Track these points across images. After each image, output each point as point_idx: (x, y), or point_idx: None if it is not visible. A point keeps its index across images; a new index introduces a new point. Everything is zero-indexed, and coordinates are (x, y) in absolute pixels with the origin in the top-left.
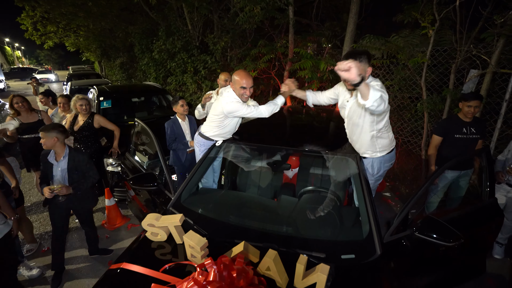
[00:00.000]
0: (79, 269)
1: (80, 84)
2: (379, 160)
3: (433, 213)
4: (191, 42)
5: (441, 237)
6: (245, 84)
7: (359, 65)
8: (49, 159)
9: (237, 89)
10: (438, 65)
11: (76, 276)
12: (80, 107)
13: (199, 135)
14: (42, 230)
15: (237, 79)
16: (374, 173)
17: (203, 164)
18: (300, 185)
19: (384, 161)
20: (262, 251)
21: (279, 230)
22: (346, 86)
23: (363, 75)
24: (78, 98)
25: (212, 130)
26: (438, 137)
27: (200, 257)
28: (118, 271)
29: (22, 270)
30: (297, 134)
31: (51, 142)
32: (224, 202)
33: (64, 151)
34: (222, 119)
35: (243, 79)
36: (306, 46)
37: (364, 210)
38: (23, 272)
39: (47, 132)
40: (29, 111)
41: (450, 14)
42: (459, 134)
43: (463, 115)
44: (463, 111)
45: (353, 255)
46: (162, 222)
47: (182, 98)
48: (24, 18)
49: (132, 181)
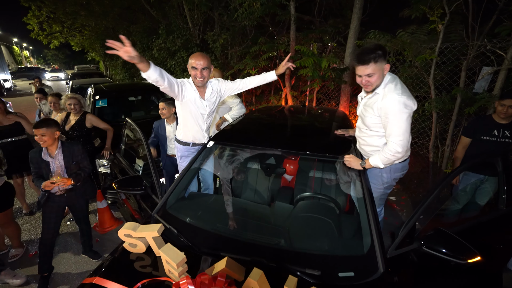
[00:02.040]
0: (65, 274)
1: (81, 83)
2: (389, 169)
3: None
4: (191, 40)
5: (453, 253)
6: (195, 64)
7: (352, 158)
8: (43, 157)
9: (190, 71)
10: (447, 62)
11: (62, 282)
12: (69, 106)
13: (175, 141)
14: (33, 232)
15: (189, 61)
16: (384, 182)
17: (193, 167)
18: (299, 189)
19: (395, 170)
20: (249, 267)
21: (270, 242)
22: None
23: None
24: (67, 97)
25: (179, 132)
26: (466, 138)
27: (178, 274)
28: (89, 286)
29: (5, 277)
30: (296, 135)
31: (53, 138)
32: (213, 209)
33: (58, 145)
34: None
35: (192, 58)
36: (308, 44)
37: (366, 220)
38: (7, 280)
39: (49, 127)
40: (5, 114)
41: (460, 8)
42: (487, 136)
43: (497, 115)
44: (497, 111)
45: (352, 273)
46: (140, 233)
47: (164, 101)
48: (30, 18)
49: (118, 184)
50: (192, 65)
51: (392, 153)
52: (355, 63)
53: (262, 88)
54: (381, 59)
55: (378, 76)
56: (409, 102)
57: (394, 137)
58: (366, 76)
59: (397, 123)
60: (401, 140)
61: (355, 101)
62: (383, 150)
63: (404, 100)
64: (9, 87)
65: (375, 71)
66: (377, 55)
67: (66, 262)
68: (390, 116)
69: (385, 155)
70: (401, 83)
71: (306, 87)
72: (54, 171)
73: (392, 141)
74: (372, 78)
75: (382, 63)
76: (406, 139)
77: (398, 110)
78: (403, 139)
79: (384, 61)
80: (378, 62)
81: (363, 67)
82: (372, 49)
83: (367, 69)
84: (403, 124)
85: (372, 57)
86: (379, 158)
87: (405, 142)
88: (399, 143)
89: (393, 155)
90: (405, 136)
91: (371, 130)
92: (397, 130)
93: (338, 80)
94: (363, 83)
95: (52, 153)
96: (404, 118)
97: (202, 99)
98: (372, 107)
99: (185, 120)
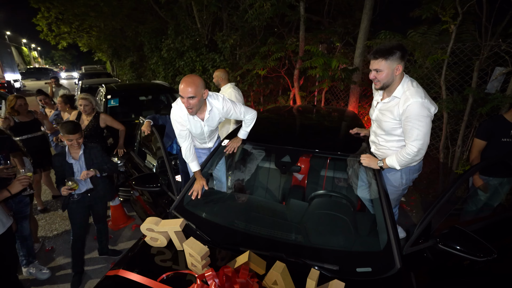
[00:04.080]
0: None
1: (91, 83)
2: (408, 170)
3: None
4: (200, 40)
5: (469, 250)
6: (181, 93)
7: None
8: (67, 160)
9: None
10: (459, 62)
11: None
12: (80, 106)
13: None
14: (48, 228)
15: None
16: (403, 184)
17: (208, 165)
18: (310, 188)
19: (413, 171)
20: (269, 261)
21: (288, 237)
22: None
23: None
24: (79, 97)
25: None
26: (481, 142)
27: (201, 267)
28: (114, 278)
29: (33, 270)
30: (308, 134)
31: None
32: (229, 205)
33: (81, 148)
34: None
35: (181, 84)
36: (317, 44)
37: (382, 217)
38: (35, 273)
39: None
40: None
41: (473, 8)
42: (507, 138)
43: (510, 116)
44: (510, 111)
45: (370, 268)
46: (162, 227)
47: None
48: (39, 19)
49: (134, 181)
50: (180, 92)
51: (411, 157)
52: (369, 56)
53: (271, 88)
54: (394, 58)
55: (387, 74)
56: (431, 106)
57: (414, 141)
58: (375, 71)
59: (418, 127)
60: (421, 144)
61: (363, 102)
62: (400, 152)
63: (427, 104)
64: (19, 87)
65: (384, 68)
66: (391, 53)
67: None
68: (412, 119)
69: (403, 158)
70: (421, 87)
71: (314, 87)
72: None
73: (412, 144)
74: (380, 75)
75: (394, 62)
76: (426, 143)
77: (421, 114)
78: (423, 142)
79: (397, 61)
80: (389, 60)
81: (373, 61)
82: (389, 47)
83: (375, 64)
84: (424, 128)
85: (384, 53)
86: (396, 160)
87: (424, 146)
88: (419, 147)
89: (411, 158)
90: (425, 140)
91: (390, 135)
92: (418, 134)
93: (348, 80)
94: (372, 78)
95: (75, 156)
96: (427, 122)
97: (201, 121)
98: (391, 111)
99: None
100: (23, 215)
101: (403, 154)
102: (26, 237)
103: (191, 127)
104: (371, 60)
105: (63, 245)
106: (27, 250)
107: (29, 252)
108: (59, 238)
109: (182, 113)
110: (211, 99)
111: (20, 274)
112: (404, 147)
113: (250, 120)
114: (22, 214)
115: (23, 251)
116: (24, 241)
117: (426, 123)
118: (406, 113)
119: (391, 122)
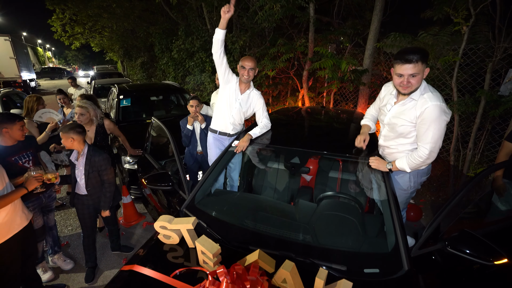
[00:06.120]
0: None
1: (103, 83)
2: (417, 173)
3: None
4: (210, 41)
5: (479, 254)
6: (244, 65)
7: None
8: (71, 159)
9: (239, 70)
10: (471, 64)
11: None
12: (75, 115)
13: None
14: (63, 224)
15: (239, 62)
16: (411, 186)
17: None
18: (319, 189)
19: (421, 174)
20: (278, 260)
21: (296, 237)
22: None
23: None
24: (76, 104)
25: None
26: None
27: (212, 264)
28: (129, 273)
29: (58, 261)
30: (317, 135)
31: (68, 143)
32: (239, 205)
33: (82, 150)
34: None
35: (243, 60)
36: (326, 45)
37: (390, 219)
38: (59, 264)
39: (65, 133)
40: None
41: (487, 9)
42: None
43: None
44: None
45: (377, 270)
46: (175, 225)
47: (197, 99)
48: (54, 20)
49: (147, 180)
50: (242, 65)
51: (422, 159)
52: (398, 61)
53: (279, 89)
54: (425, 61)
55: (421, 78)
56: (448, 110)
57: (427, 144)
58: (410, 76)
59: (433, 130)
60: (434, 147)
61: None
62: (412, 155)
63: (444, 107)
64: (34, 86)
65: (420, 72)
66: (423, 56)
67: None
68: (429, 122)
69: (414, 160)
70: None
71: (323, 88)
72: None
73: (425, 147)
74: (414, 79)
75: (425, 65)
76: (438, 146)
77: (439, 117)
78: (435, 146)
79: (426, 64)
80: (425, 63)
81: (409, 66)
82: (417, 49)
83: (412, 69)
84: (439, 131)
85: (419, 57)
86: (406, 162)
87: (436, 149)
88: (431, 149)
89: (423, 161)
90: (438, 144)
91: (404, 138)
92: (433, 137)
93: (357, 81)
94: (404, 84)
95: (78, 157)
96: (443, 125)
97: (239, 93)
98: (407, 114)
99: (218, 106)
100: (50, 208)
101: (414, 157)
102: (51, 227)
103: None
104: (405, 65)
105: (78, 240)
106: (53, 240)
107: (54, 241)
108: (73, 233)
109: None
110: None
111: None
112: (416, 150)
113: (265, 125)
114: (49, 208)
115: (49, 240)
116: (49, 230)
117: (442, 127)
118: (423, 115)
119: (406, 125)
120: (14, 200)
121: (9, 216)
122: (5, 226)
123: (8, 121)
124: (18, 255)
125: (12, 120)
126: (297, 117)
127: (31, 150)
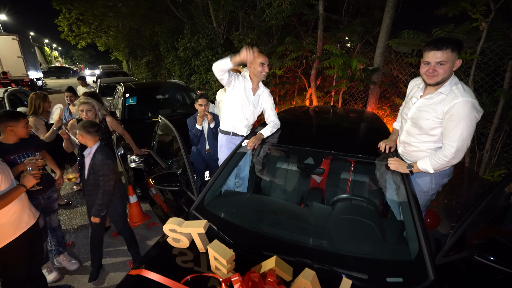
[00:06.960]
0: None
1: (108, 81)
2: (439, 175)
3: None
4: (215, 40)
5: (509, 263)
6: (265, 61)
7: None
8: (84, 153)
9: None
10: (489, 62)
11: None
12: (81, 113)
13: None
14: (68, 223)
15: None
16: (432, 188)
17: (228, 166)
18: (330, 191)
19: (443, 175)
20: (294, 267)
21: (313, 243)
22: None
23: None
24: (79, 102)
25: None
26: None
27: (226, 270)
28: (137, 278)
29: (63, 261)
30: (332, 135)
31: (80, 138)
32: (250, 207)
33: (91, 148)
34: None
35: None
36: (335, 43)
37: (412, 224)
38: (64, 264)
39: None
40: None
41: (506, 4)
42: None
43: None
44: None
45: (401, 279)
46: (185, 228)
47: (205, 97)
48: (61, 20)
49: (154, 180)
50: (262, 61)
51: (448, 159)
52: (427, 48)
53: (286, 88)
54: (457, 51)
55: (449, 68)
56: (480, 107)
57: (454, 142)
58: (437, 63)
59: (462, 127)
60: (461, 146)
61: (382, 103)
62: (436, 154)
63: (476, 104)
64: (41, 85)
65: (449, 60)
66: (455, 45)
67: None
68: (458, 119)
69: (438, 160)
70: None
71: (332, 87)
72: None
73: (451, 145)
74: (442, 68)
75: (456, 56)
76: (466, 146)
77: (470, 114)
78: (463, 145)
79: (458, 55)
80: (455, 52)
81: (438, 52)
82: (450, 38)
83: (441, 55)
84: (468, 130)
85: (449, 45)
86: (429, 163)
87: (464, 149)
88: (458, 148)
89: (448, 161)
90: (466, 143)
91: (427, 134)
92: (461, 135)
93: (368, 80)
94: (430, 72)
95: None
96: (472, 124)
97: (252, 95)
98: (434, 109)
99: (230, 108)
100: (52, 210)
101: (438, 157)
102: (55, 228)
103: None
104: (433, 51)
105: (83, 240)
106: (57, 240)
107: (59, 242)
108: (79, 233)
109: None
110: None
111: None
112: (440, 149)
113: (275, 123)
114: (51, 209)
115: (53, 241)
116: (53, 231)
117: (472, 125)
118: (452, 111)
119: (431, 120)
120: (14, 199)
121: (16, 214)
122: (13, 224)
123: (13, 119)
124: (26, 254)
125: (17, 118)
126: (308, 116)
127: (31, 150)
